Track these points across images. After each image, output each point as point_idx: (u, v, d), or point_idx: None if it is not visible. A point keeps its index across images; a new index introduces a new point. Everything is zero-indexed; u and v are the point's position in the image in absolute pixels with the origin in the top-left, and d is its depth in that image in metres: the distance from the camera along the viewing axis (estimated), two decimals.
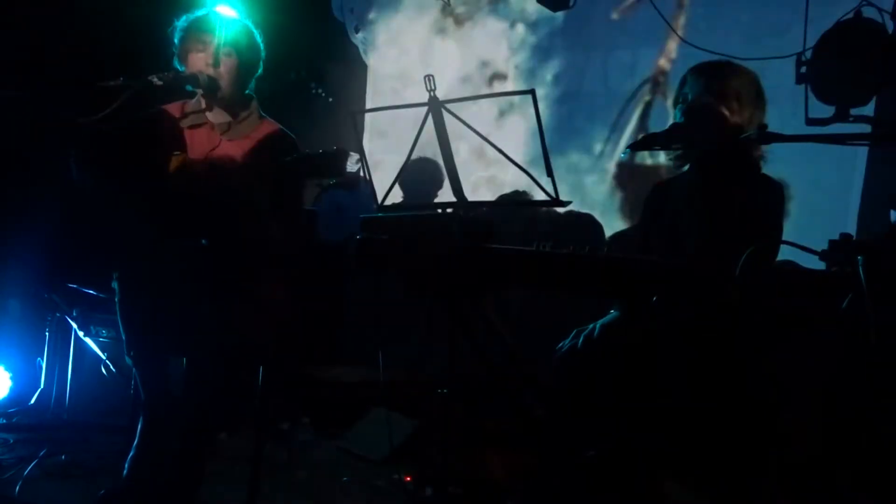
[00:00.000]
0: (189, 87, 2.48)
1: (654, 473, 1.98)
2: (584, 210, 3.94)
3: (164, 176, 2.44)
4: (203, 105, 2.55)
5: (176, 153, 2.45)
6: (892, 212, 1.77)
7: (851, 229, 3.18)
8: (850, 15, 2.69)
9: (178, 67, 2.51)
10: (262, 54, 2.60)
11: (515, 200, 3.85)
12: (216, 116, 2.56)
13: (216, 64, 2.46)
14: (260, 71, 2.62)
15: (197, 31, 2.47)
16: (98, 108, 2.22)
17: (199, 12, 2.52)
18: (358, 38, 4.56)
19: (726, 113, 2.03)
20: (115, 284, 2.30)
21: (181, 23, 2.51)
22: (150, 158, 2.45)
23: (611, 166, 3.93)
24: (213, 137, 2.53)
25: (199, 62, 2.46)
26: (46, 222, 3.35)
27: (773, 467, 1.92)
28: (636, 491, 2.00)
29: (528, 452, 2.57)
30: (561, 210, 3.43)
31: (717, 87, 2.06)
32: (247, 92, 2.61)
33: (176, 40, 2.51)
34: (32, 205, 3.40)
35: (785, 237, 1.98)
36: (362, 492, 2.67)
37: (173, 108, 2.57)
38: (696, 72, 2.13)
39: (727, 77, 2.07)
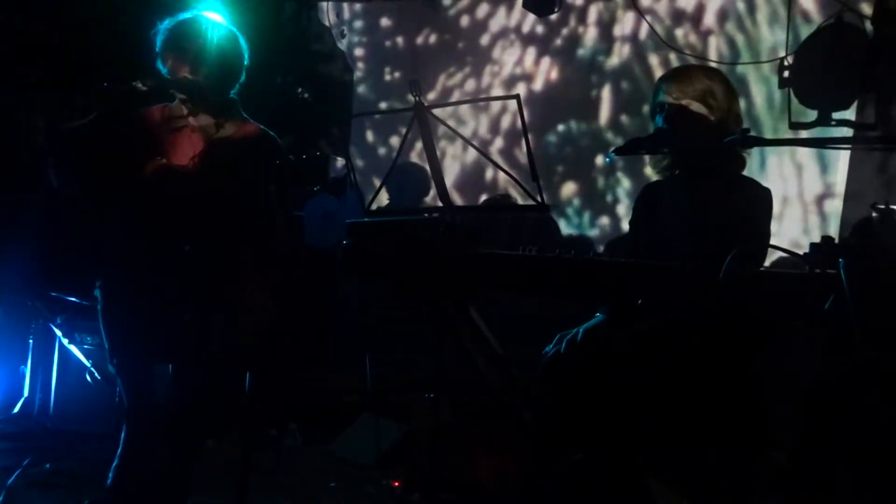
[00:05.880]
0: (172, 92, 2.46)
1: (642, 475, 1.99)
2: (569, 213, 3.96)
3: (145, 181, 2.42)
4: (184, 109, 2.53)
5: (157, 158, 2.43)
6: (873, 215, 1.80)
7: (833, 232, 3.21)
8: (832, 20, 2.72)
9: (161, 70, 2.49)
10: (246, 61, 2.58)
11: (500, 205, 3.87)
12: (198, 120, 2.54)
13: (198, 69, 2.43)
14: (243, 78, 2.60)
15: (180, 36, 2.45)
16: (81, 113, 2.21)
17: (183, 16, 2.50)
18: (344, 43, 4.56)
19: (705, 111, 2.07)
20: (97, 292, 2.28)
21: (164, 25, 2.49)
22: (129, 163, 2.43)
23: (597, 170, 3.95)
24: (196, 141, 2.51)
25: (181, 67, 2.44)
26: (28, 230, 3.32)
27: (760, 467, 1.93)
28: (624, 493, 2.01)
29: (515, 457, 2.57)
30: None
31: (689, 87, 2.11)
32: (229, 96, 2.59)
33: (158, 44, 2.49)
34: (14, 212, 3.37)
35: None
36: (351, 497, 2.66)
37: (154, 112, 2.55)
38: (666, 79, 2.18)
39: (696, 77, 2.13)
